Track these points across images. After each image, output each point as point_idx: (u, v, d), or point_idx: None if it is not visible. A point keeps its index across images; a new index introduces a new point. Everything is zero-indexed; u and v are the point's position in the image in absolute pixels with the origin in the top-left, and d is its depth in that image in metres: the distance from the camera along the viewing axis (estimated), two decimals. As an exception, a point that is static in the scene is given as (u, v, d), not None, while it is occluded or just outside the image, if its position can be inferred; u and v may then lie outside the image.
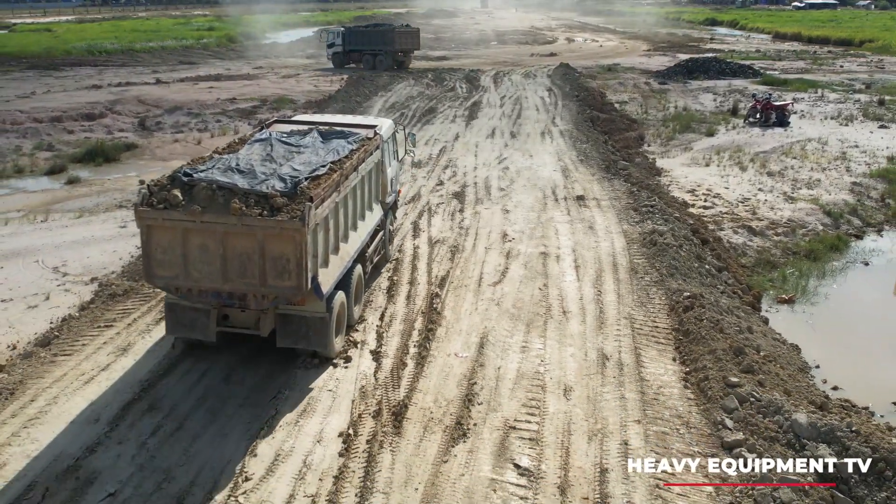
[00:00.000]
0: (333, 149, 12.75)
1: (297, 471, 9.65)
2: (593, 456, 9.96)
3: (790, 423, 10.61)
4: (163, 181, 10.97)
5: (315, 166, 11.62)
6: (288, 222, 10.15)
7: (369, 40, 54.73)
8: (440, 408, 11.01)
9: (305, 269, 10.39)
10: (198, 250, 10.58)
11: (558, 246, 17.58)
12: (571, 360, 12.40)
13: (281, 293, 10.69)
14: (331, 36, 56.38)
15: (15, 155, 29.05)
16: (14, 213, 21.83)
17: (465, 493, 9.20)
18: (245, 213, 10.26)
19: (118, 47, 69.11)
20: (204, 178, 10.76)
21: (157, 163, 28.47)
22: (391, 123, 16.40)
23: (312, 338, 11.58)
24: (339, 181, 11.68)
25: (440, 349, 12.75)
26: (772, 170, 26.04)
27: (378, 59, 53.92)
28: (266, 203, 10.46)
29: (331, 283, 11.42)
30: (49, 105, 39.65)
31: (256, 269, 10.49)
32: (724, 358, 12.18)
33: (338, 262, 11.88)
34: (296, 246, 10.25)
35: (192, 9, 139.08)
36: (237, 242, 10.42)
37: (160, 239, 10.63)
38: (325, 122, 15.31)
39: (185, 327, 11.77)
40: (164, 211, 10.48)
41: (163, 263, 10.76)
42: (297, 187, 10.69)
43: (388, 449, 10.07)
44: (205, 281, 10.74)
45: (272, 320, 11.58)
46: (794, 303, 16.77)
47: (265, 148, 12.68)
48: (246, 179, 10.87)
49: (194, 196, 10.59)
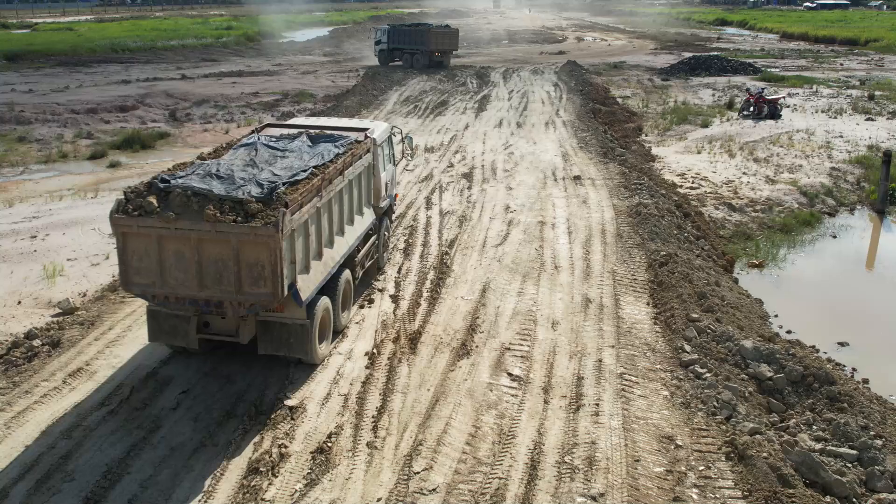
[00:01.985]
0: (319, 153, 12.67)
1: (332, 378, 11.94)
2: (573, 369, 12.21)
3: (738, 347, 12.83)
4: (140, 188, 10.86)
5: (296, 171, 11.53)
6: (261, 228, 9.99)
7: (409, 39, 55.56)
8: (448, 335, 13.30)
9: (281, 275, 10.26)
10: (173, 257, 10.46)
11: (554, 216, 19.83)
12: (560, 303, 14.66)
13: (257, 300, 10.55)
14: (378, 33, 57.67)
15: (58, 142, 31.46)
16: (66, 191, 24.20)
17: (467, 392, 11.48)
18: (219, 220, 10.13)
19: (141, 45, 71.81)
20: (180, 184, 10.64)
21: (189, 149, 30.75)
22: (387, 127, 16.35)
23: (294, 345, 11.50)
24: (321, 186, 11.53)
25: (449, 293, 15.04)
26: (758, 157, 28.13)
27: (415, 57, 54.84)
28: (241, 209, 10.31)
29: (311, 290, 11.32)
30: (83, 98, 42.19)
31: (232, 277, 10.36)
32: (688, 300, 14.40)
33: (320, 267, 11.76)
34: (270, 252, 10.11)
35: (207, 8, 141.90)
36: (212, 249, 10.28)
37: (136, 246, 10.52)
38: (318, 126, 15.24)
39: (166, 334, 11.71)
40: (139, 218, 10.35)
41: (139, 271, 10.64)
42: (273, 192, 10.52)
43: (406, 363, 12.36)
44: (181, 288, 10.61)
45: (252, 327, 11.55)
46: (763, 267, 18.94)
47: (249, 153, 12.60)
48: (224, 185, 10.73)
49: (170, 203, 10.47)
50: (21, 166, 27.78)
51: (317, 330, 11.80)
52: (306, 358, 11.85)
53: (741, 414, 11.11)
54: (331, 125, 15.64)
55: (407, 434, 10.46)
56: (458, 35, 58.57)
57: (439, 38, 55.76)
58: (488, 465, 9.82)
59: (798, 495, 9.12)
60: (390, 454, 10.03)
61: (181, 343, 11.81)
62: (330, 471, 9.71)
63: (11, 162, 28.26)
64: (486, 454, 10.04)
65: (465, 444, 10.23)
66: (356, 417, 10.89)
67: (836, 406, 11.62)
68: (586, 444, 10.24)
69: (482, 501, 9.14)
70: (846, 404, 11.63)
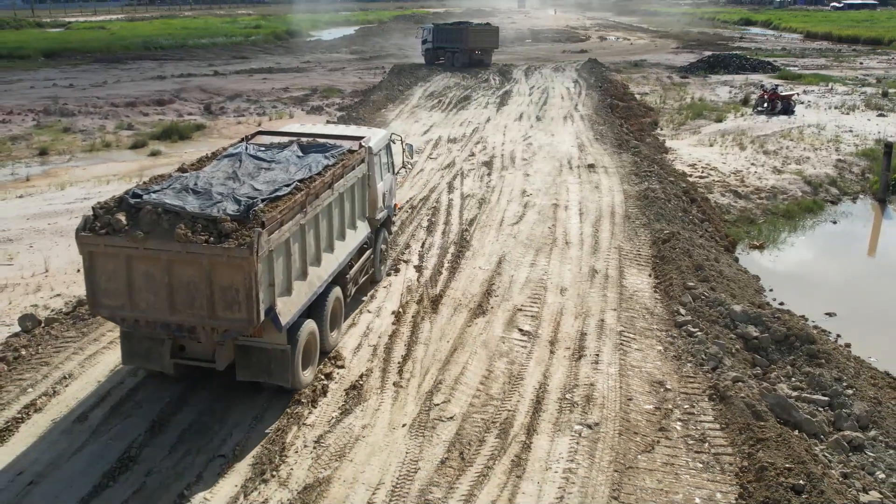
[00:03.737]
0: (307, 165, 11.99)
1: (363, 332, 13.48)
2: (577, 327, 13.64)
3: (728, 311, 14.17)
4: (110, 203, 10.21)
5: (278, 185, 10.83)
6: (235, 250, 9.30)
7: (450, 38, 55.44)
8: (466, 298, 14.78)
9: (256, 300, 9.57)
10: (143, 279, 9.83)
11: (568, 200, 21.24)
12: (568, 273, 16.09)
13: (231, 326, 9.87)
14: (424, 33, 58.31)
15: (101, 133, 33.32)
16: (111, 176, 25.94)
17: (482, 343, 12.95)
18: (190, 240, 9.46)
19: (172, 43, 74.12)
20: (151, 200, 9.97)
21: (224, 140, 32.38)
22: (385, 134, 15.69)
23: (274, 371, 10.79)
24: (305, 201, 10.88)
25: (468, 264, 16.53)
26: (768, 149, 29.27)
27: (455, 56, 54.87)
28: (214, 228, 9.63)
29: (293, 313, 10.63)
30: (122, 92, 44.22)
31: (204, 300, 9.72)
32: (686, 271, 15.76)
33: (305, 288, 11.12)
34: (244, 275, 9.42)
35: (235, 8, 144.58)
36: (183, 271, 9.64)
37: (103, 266, 9.92)
38: (312, 134, 14.60)
39: (140, 357, 11.04)
40: (106, 237, 9.73)
41: (108, 292, 10.05)
42: (249, 210, 9.84)
43: (428, 320, 13.86)
44: (151, 311, 9.99)
45: (230, 352, 10.84)
46: (764, 248, 20.19)
47: (233, 164, 11.95)
48: (199, 201, 10.10)
49: (139, 220, 9.80)
50: (68, 154, 29.59)
51: (300, 355, 11.06)
52: (287, 385, 11.04)
53: (727, 366, 12.44)
54: (325, 133, 14.89)
55: (428, 376, 11.95)
56: (498, 33, 58.35)
57: (478, 36, 55.74)
58: (499, 400, 11.29)
59: (769, 427, 10.45)
60: (413, 391, 11.53)
61: (156, 367, 11.16)
62: (361, 403, 11.22)
63: (59, 150, 30.10)
64: (497, 392, 11.51)
65: (479, 383, 11.70)
66: (384, 363, 12.40)
67: (815, 362, 12.93)
68: (585, 386, 11.67)
69: (493, 428, 10.60)
70: (824, 361, 12.94)
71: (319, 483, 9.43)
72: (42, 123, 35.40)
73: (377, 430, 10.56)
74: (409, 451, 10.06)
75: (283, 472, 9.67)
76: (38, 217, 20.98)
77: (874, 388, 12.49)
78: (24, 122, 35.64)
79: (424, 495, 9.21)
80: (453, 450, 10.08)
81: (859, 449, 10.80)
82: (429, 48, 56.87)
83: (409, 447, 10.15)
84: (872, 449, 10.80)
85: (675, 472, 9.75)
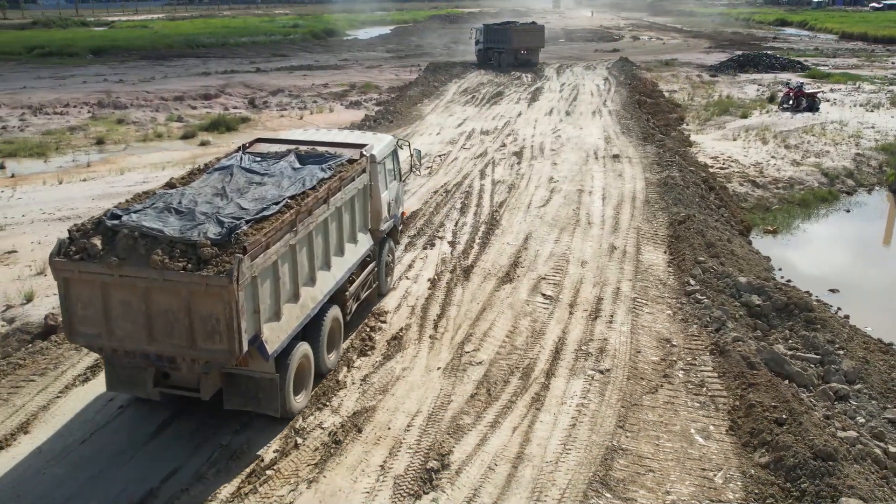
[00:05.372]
0: (300, 178, 11.30)
1: (402, 295, 15.09)
2: (595, 293, 15.12)
3: (734, 282, 15.51)
4: (87, 225, 9.71)
5: (267, 204, 10.20)
6: (213, 278, 8.73)
7: (497, 38, 55.49)
8: (495, 268, 16.34)
9: (238, 330, 9.01)
10: (120, 307, 9.31)
11: (592, 186, 22.68)
12: (589, 248, 17.56)
13: (212, 357, 9.34)
14: (476, 33, 59.15)
15: (152, 124, 35.39)
16: (166, 163, 27.86)
17: (508, 305, 14.50)
18: (167, 266, 8.91)
19: (214, 41, 76.63)
20: (129, 222, 9.41)
21: (269, 132, 34.28)
22: (390, 141, 15.08)
23: (262, 400, 10.26)
24: (295, 220, 10.26)
25: (497, 240, 18.08)
26: (789, 144, 30.35)
27: (501, 56, 54.88)
28: (193, 254, 9.06)
29: (282, 339, 10.05)
30: (169, 87, 46.40)
31: (184, 330, 9.19)
32: (698, 248, 17.13)
33: (296, 311, 10.53)
34: (224, 305, 8.86)
35: (273, 7, 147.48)
36: (161, 299, 9.12)
37: (79, 293, 9.41)
38: (313, 142, 13.93)
39: (124, 384, 10.49)
40: (81, 262, 9.20)
41: (84, 320, 9.53)
42: (232, 234, 9.25)
43: (460, 286, 15.44)
44: (129, 341, 9.47)
45: (216, 381, 10.28)
46: (777, 233, 21.42)
47: (223, 179, 11.30)
48: (180, 223, 9.52)
49: (116, 245, 9.26)
50: (123, 144, 31.64)
51: (290, 382, 10.57)
52: (276, 415, 10.52)
53: (729, 328, 13.81)
54: (327, 140, 14.15)
55: (460, 331, 13.53)
56: (543, 32, 57.95)
57: (523, 36, 55.51)
58: (522, 350, 12.83)
59: (761, 375, 11.83)
60: (447, 342, 13.11)
61: (140, 394, 10.62)
62: (401, 351, 12.84)
63: (114, 140, 32.20)
64: (521, 343, 13.05)
65: (505, 337, 13.26)
66: (421, 320, 14.00)
67: (811, 327, 14.24)
68: (600, 340, 13.16)
69: (516, 371, 12.14)
70: (820, 326, 14.24)
71: (366, 410, 11.04)
72: (97, 115, 37.68)
73: (415, 372, 12.15)
74: (442, 388, 11.63)
75: (334, 403, 11.30)
76: (102, 197, 22.88)
77: (865, 350, 13.77)
78: (81, 114, 37.94)
79: (456, 420, 10.77)
80: (481, 388, 11.64)
81: (844, 399, 12.12)
82: (481, 49, 57.32)
83: (443, 385, 11.73)
84: (856, 399, 12.11)
85: (675, 409, 11.19)
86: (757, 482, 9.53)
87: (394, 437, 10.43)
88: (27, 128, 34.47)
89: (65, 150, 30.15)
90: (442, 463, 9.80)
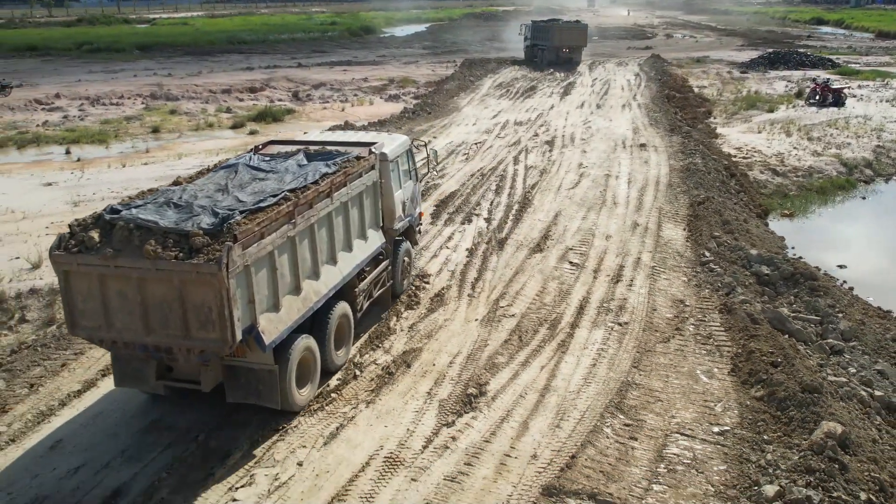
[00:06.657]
0: (304, 174, 11.50)
1: (442, 261, 16.84)
2: (618, 262, 16.72)
3: (746, 254, 16.98)
4: (87, 220, 9.93)
5: (265, 196, 10.37)
6: (203, 266, 8.90)
7: (541, 35, 56.10)
8: (527, 240, 18.01)
9: (230, 318, 9.14)
10: (117, 298, 9.54)
11: (619, 171, 24.22)
12: (614, 225, 19.14)
13: (206, 346, 9.49)
14: (524, 29, 60.35)
15: (203, 115, 37.53)
16: (219, 149, 29.85)
17: (538, 270, 16.16)
18: (159, 256, 9.09)
19: (255, 38, 79.07)
20: (126, 216, 9.65)
21: (312, 123, 36.27)
22: (404, 140, 15.04)
23: (262, 392, 10.38)
24: (293, 212, 10.38)
25: (529, 217, 19.74)
26: (812, 136, 31.52)
27: (543, 53, 55.37)
28: (186, 243, 9.23)
29: (281, 331, 10.16)
30: (217, 81, 48.65)
31: (178, 320, 9.38)
32: (715, 225, 18.62)
33: (297, 304, 10.63)
34: (216, 292, 9.01)
35: (309, 5, 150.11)
36: (155, 289, 9.31)
37: (79, 286, 9.65)
38: (325, 141, 14.17)
39: (131, 379, 10.69)
40: (79, 255, 9.45)
41: (84, 313, 9.76)
42: (224, 223, 9.42)
43: (495, 255, 17.14)
44: (127, 332, 9.67)
45: (217, 373, 10.42)
46: (793, 217, 22.75)
47: (227, 176, 11.53)
48: (177, 216, 9.72)
49: (112, 237, 9.52)
50: (177, 132, 33.78)
51: (292, 375, 10.64)
52: (277, 408, 10.61)
53: (739, 293, 15.29)
54: (340, 140, 14.39)
55: (495, 291, 15.23)
56: (587, 31, 57.95)
57: (565, 34, 55.48)
58: (550, 306, 14.48)
59: (763, 328, 13.32)
60: (484, 299, 14.82)
61: (146, 389, 10.87)
62: (443, 306, 14.57)
63: (168, 129, 34.36)
64: (549, 301, 14.70)
65: (535, 295, 14.93)
66: (460, 282, 15.71)
67: (815, 294, 15.67)
68: (620, 300, 14.77)
69: (545, 323, 13.80)
70: (823, 293, 15.67)
71: (414, 351, 12.78)
72: (150, 106, 40.03)
73: (455, 322, 13.86)
74: (479, 335, 13.34)
75: (386, 345, 13.05)
76: (164, 179, 24.79)
77: (863, 315, 15.17)
78: (135, 105, 40.30)
79: (491, 360, 12.46)
80: (514, 335, 13.32)
81: (839, 353, 13.55)
82: (528, 45, 58.19)
83: (480, 332, 13.43)
84: (850, 353, 13.54)
85: (684, 355, 12.75)
86: (751, 410, 11.07)
87: (438, 371, 12.15)
88: (87, 117, 36.88)
89: (123, 138, 32.38)
90: (480, 391, 11.50)
